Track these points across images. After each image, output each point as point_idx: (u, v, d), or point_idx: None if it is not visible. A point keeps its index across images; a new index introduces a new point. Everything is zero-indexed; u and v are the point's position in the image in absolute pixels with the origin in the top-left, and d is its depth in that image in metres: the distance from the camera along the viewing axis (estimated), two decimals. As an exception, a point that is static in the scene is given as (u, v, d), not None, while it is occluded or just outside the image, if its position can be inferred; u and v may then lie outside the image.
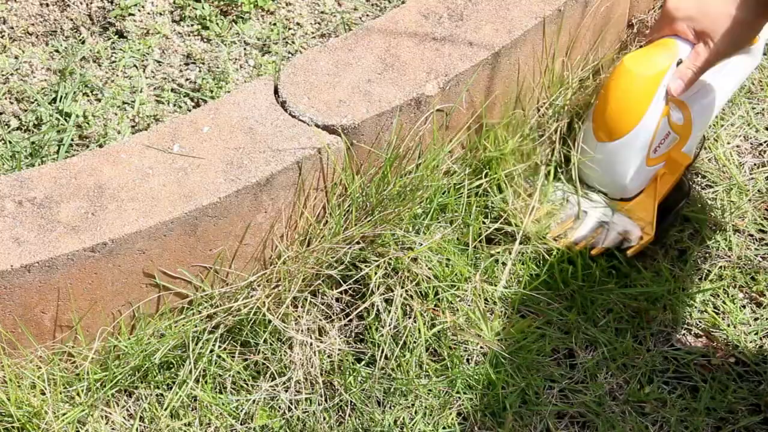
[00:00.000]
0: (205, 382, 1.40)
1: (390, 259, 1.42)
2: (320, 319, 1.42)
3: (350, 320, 1.45)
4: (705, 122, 1.55)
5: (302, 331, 1.41)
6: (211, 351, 1.39)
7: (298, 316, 1.41)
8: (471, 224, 1.51)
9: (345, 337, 1.44)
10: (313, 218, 1.44)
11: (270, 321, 1.38)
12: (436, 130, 1.48)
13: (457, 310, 1.47)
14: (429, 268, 1.45)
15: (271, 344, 1.41)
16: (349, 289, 1.44)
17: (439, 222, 1.50)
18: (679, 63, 1.44)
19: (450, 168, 1.53)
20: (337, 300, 1.45)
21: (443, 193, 1.50)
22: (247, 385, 1.41)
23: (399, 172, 1.47)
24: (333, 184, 1.44)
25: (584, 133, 1.51)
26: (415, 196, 1.45)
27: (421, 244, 1.44)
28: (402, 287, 1.43)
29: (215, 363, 1.40)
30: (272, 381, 1.41)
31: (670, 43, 1.45)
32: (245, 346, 1.41)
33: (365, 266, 1.42)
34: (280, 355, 1.41)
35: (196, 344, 1.38)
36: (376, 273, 1.42)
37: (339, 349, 1.42)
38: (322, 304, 1.43)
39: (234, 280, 1.41)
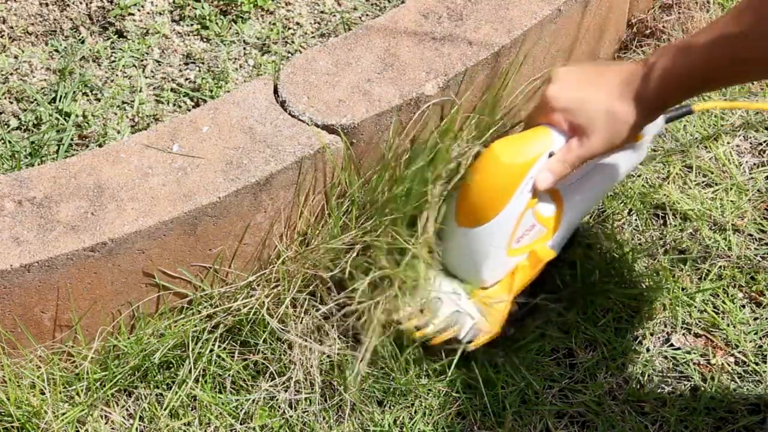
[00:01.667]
0: (205, 381, 1.40)
1: (383, 265, 1.41)
2: (319, 319, 1.42)
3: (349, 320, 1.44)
4: (576, 217, 1.46)
5: (301, 331, 1.40)
6: (211, 351, 1.39)
7: (297, 317, 1.41)
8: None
9: (344, 337, 1.44)
10: (312, 218, 1.44)
11: (269, 322, 1.38)
12: (422, 137, 1.48)
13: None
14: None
15: (270, 344, 1.41)
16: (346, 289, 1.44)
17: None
18: (551, 155, 1.34)
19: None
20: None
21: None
22: (246, 384, 1.41)
23: (397, 174, 1.47)
24: (332, 184, 1.44)
25: (446, 215, 1.41)
26: (411, 198, 1.43)
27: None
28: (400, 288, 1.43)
29: (215, 363, 1.40)
30: (272, 381, 1.41)
31: (543, 133, 1.34)
32: (245, 346, 1.41)
33: (362, 274, 1.40)
34: (280, 355, 1.41)
35: (196, 344, 1.38)
36: (368, 277, 1.40)
37: (338, 349, 1.42)
38: (321, 305, 1.43)
39: (233, 279, 1.41)
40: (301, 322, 1.41)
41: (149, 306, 1.38)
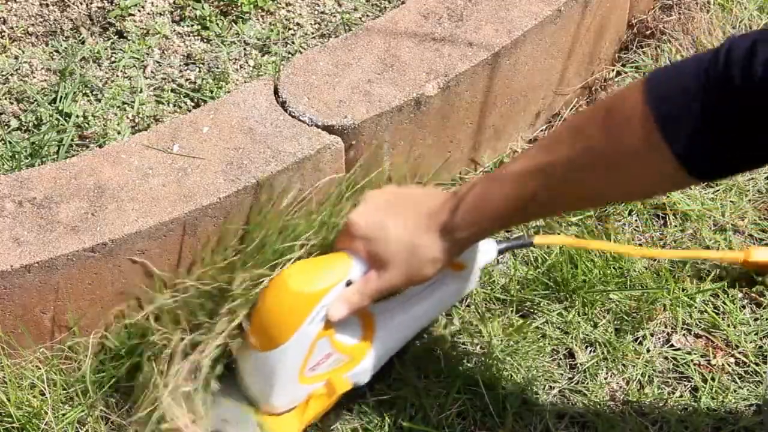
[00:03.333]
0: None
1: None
2: None
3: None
4: (391, 344, 1.35)
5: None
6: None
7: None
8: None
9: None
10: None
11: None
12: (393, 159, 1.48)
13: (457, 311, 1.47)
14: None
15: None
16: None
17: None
18: (350, 283, 1.26)
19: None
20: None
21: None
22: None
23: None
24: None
25: (242, 335, 1.31)
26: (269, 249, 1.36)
27: None
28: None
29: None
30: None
31: (341, 260, 1.26)
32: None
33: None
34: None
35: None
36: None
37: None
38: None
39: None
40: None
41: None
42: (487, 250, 1.37)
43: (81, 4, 1.69)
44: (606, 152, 1.09)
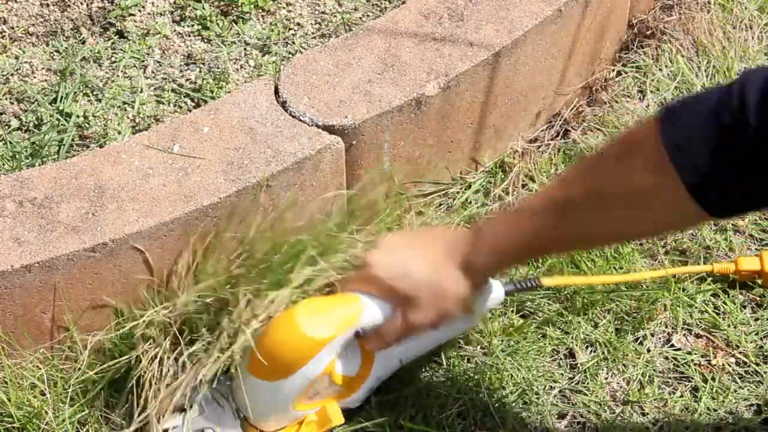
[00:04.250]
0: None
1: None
2: None
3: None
4: (386, 371, 1.37)
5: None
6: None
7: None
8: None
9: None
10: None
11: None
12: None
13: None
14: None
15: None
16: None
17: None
18: (359, 331, 1.27)
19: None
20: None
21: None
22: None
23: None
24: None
25: (242, 355, 1.30)
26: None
27: None
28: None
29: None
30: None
31: (354, 305, 1.26)
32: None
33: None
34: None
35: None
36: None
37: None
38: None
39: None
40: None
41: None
42: (495, 293, 1.37)
43: (81, 4, 1.69)
44: (622, 192, 1.10)
